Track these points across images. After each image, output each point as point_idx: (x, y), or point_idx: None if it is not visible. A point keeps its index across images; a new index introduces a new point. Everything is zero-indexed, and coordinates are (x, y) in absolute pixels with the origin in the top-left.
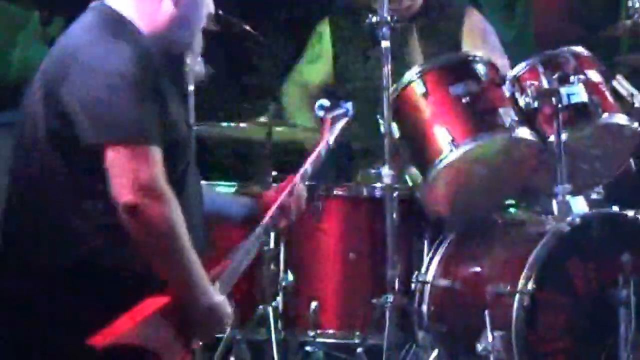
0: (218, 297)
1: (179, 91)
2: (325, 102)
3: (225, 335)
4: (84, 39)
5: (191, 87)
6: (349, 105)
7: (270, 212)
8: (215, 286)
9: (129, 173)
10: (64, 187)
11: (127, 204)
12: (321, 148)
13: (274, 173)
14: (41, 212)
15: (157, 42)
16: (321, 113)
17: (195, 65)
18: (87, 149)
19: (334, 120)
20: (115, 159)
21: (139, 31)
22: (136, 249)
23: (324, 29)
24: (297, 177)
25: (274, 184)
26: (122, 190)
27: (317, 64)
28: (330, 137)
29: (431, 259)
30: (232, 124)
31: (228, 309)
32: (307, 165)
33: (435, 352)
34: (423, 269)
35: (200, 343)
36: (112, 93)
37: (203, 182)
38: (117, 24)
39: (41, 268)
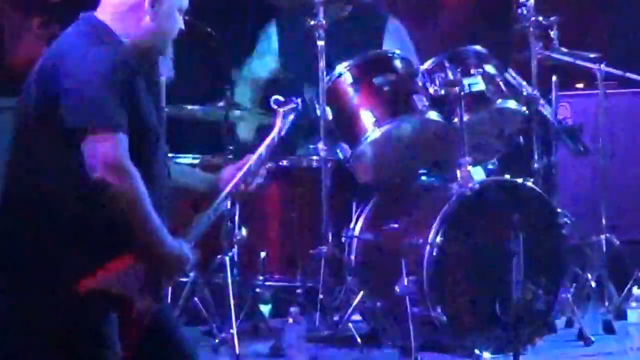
0: (177, 244)
1: (152, 88)
2: (280, 97)
3: (190, 280)
4: (73, 42)
5: (163, 78)
6: (299, 101)
7: (229, 186)
8: (181, 239)
9: (98, 154)
10: (49, 160)
11: (97, 180)
12: (274, 135)
13: (230, 147)
14: (36, 179)
15: (135, 49)
16: (275, 106)
17: (165, 68)
18: (66, 132)
19: (286, 113)
20: (87, 140)
21: (119, 39)
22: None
23: (272, 29)
24: (253, 157)
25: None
26: (93, 167)
27: (264, 59)
28: (282, 126)
29: (358, 217)
30: (197, 107)
31: (188, 255)
32: (262, 149)
33: (361, 294)
34: (351, 226)
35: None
36: (90, 88)
37: (173, 156)
38: (100, 32)
39: (36, 228)
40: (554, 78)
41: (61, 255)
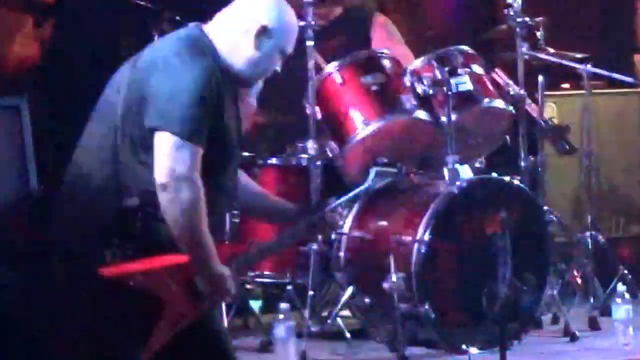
0: (221, 270)
1: (236, 111)
2: (384, 159)
3: None
4: (175, 48)
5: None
6: (402, 169)
7: (302, 225)
8: (227, 266)
9: (169, 159)
10: (124, 153)
11: (161, 183)
12: (361, 190)
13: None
14: (101, 167)
15: (230, 70)
16: (375, 166)
17: (251, 99)
18: (148, 130)
19: (381, 174)
20: (162, 144)
21: (219, 56)
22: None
23: None
24: (335, 204)
25: None
26: (161, 171)
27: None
28: (371, 185)
29: (347, 215)
30: None
31: (230, 283)
32: (344, 199)
33: (350, 290)
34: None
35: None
36: (180, 95)
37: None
38: (203, 45)
39: (94, 217)
40: (540, 78)
41: (108, 244)
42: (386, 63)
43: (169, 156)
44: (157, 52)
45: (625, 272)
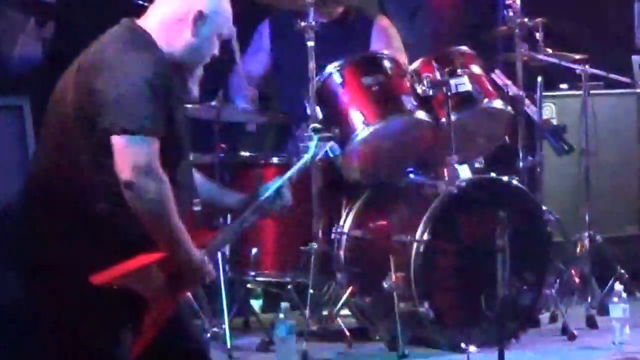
0: (200, 256)
1: (180, 100)
2: (317, 125)
3: None
4: (116, 46)
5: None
6: (336, 131)
7: (255, 203)
8: (202, 251)
9: (129, 156)
10: (83, 157)
11: (126, 181)
12: (307, 159)
13: (222, 146)
14: (62, 175)
15: (171, 60)
16: (312, 133)
17: (194, 87)
18: (102, 132)
19: (321, 140)
20: (120, 143)
21: (159, 48)
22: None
23: (264, 28)
24: (283, 178)
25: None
26: (123, 169)
27: (257, 56)
28: (316, 152)
29: (347, 214)
30: (189, 106)
31: (208, 266)
32: (293, 170)
33: (350, 289)
34: (341, 223)
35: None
36: (128, 91)
37: None
38: (142, 39)
39: (58, 222)
40: (539, 79)
41: (84, 251)
42: (386, 64)
43: (128, 154)
44: (99, 53)
45: (622, 271)
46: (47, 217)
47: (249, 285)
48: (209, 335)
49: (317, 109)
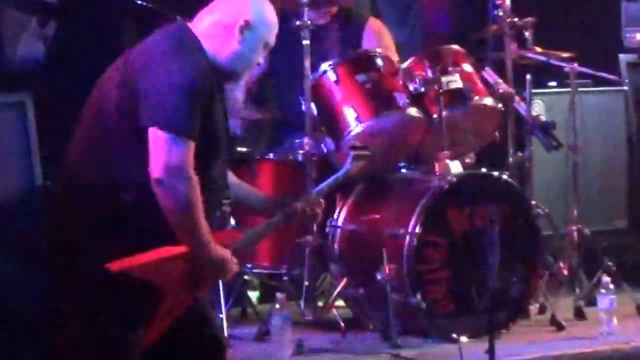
0: (220, 255)
1: (223, 106)
2: (357, 143)
3: None
4: (164, 46)
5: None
6: (375, 151)
7: (286, 209)
8: (225, 249)
9: (163, 154)
10: (116, 149)
11: (157, 179)
12: (339, 175)
13: None
14: (93, 165)
15: (215, 65)
16: (349, 150)
17: (238, 93)
18: (140, 127)
19: (356, 158)
20: (156, 141)
21: (205, 53)
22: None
23: None
24: (318, 189)
25: None
26: (156, 166)
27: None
28: (350, 168)
29: (341, 208)
30: None
31: (231, 264)
32: (327, 184)
33: (344, 281)
34: (335, 216)
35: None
36: (172, 91)
37: None
38: (189, 42)
39: (85, 209)
40: (528, 76)
41: (107, 240)
42: (379, 62)
43: (163, 152)
44: (147, 52)
45: (610, 264)
46: (74, 203)
47: (245, 277)
48: None
49: (312, 105)
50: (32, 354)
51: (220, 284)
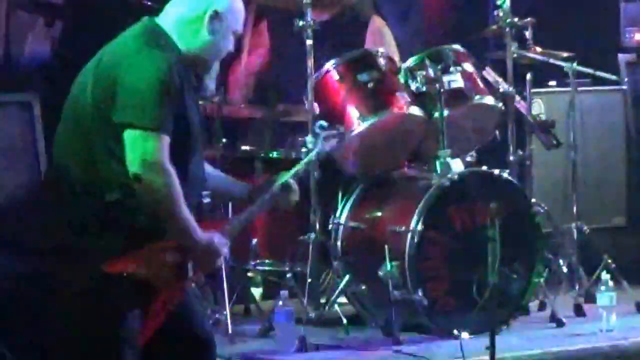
0: (210, 237)
1: (196, 97)
2: (324, 123)
3: None
4: (135, 43)
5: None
6: (342, 129)
7: (267, 193)
8: (212, 234)
9: (139, 151)
10: (97, 148)
11: (135, 175)
12: (311, 156)
13: (223, 140)
14: (77, 164)
15: (187, 58)
16: (319, 130)
17: (209, 82)
18: (116, 125)
19: (327, 138)
20: (131, 137)
21: (176, 46)
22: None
23: (263, 27)
24: (291, 172)
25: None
26: (132, 163)
27: (256, 54)
28: (322, 149)
29: (344, 206)
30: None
31: (221, 246)
32: (300, 166)
33: (346, 278)
34: (337, 214)
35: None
36: (143, 88)
37: None
38: (159, 37)
39: (72, 209)
40: (528, 76)
41: (96, 238)
42: (381, 61)
43: (138, 148)
44: (118, 50)
45: (609, 261)
46: (62, 203)
47: (249, 274)
48: (211, 321)
49: (315, 104)
50: (25, 347)
51: (224, 282)
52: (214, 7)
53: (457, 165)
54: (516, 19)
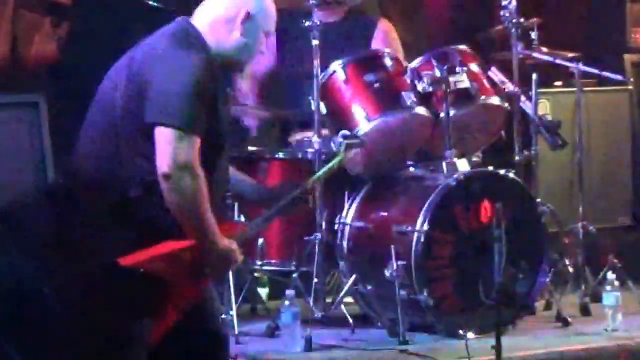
0: (228, 244)
1: (227, 98)
2: (346, 132)
3: None
4: (169, 43)
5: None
6: (365, 137)
7: (285, 199)
8: (231, 240)
9: (170, 151)
10: (124, 145)
11: (164, 174)
12: (335, 162)
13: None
14: (102, 161)
15: (220, 59)
16: (341, 138)
17: (242, 83)
18: (146, 123)
19: (349, 145)
20: (162, 137)
21: (208, 47)
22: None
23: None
24: (312, 178)
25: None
26: (163, 162)
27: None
28: (345, 157)
29: (350, 206)
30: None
31: (237, 254)
32: (321, 172)
33: (352, 278)
34: (344, 214)
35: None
36: (177, 88)
37: None
38: (192, 38)
39: (94, 205)
40: (534, 76)
41: (115, 234)
42: (388, 61)
43: (170, 148)
44: (152, 49)
45: (615, 260)
46: (83, 198)
47: (255, 274)
48: None
49: (322, 104)
50: (38, 346)
51: (231, 282)
52: (247, 8)
53: (463, 166)
54: (522, 19)
